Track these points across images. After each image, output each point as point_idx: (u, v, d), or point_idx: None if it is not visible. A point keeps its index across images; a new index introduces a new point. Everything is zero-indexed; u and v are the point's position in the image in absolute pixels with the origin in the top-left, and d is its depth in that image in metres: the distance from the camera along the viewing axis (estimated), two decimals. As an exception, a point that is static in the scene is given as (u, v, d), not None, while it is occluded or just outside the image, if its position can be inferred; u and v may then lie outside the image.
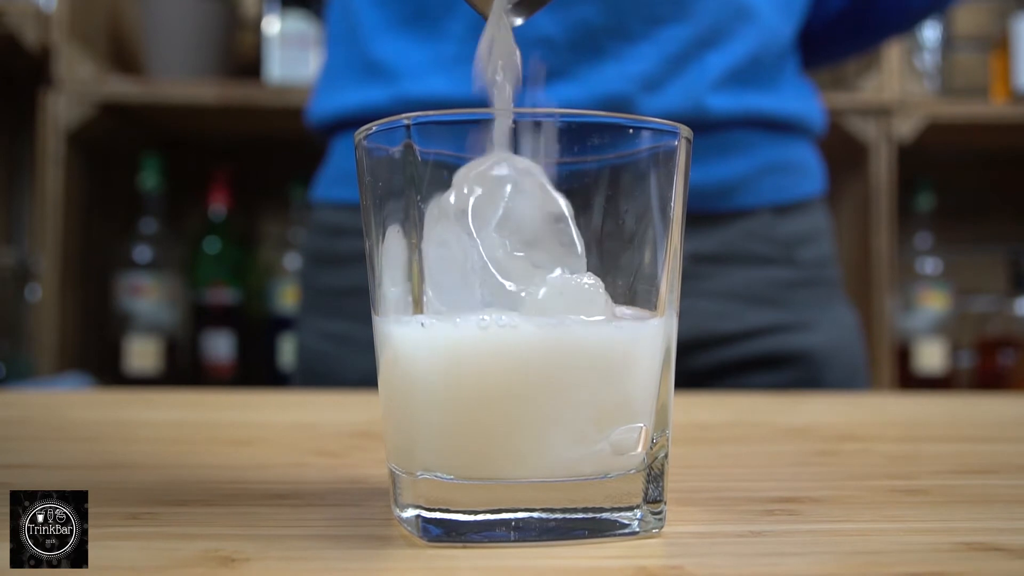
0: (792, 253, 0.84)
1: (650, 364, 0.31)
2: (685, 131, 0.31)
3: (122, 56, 1.63)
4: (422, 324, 0.30)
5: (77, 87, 1.44)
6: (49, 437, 0.54)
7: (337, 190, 0.85)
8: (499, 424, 0.29)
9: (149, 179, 1.54)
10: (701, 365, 0.81)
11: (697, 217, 0.80)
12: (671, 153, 0.31)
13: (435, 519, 0.29)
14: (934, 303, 1.65)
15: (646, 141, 0.30)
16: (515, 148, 0.30)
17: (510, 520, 0.29)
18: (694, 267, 0.80)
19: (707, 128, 0.79)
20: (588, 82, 0.76)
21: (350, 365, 0.81)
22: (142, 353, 1.50)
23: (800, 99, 0.86)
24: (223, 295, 1.57)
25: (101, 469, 0.44)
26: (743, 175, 0.82)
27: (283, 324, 1.58)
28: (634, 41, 0.77)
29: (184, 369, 1.57)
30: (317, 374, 0.84)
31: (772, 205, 0.83)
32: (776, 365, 0.82)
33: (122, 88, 1.48)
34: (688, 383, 0.80)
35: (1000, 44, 1.66)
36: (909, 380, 1.62)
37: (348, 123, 0.83)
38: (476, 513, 0.29)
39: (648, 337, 0.31)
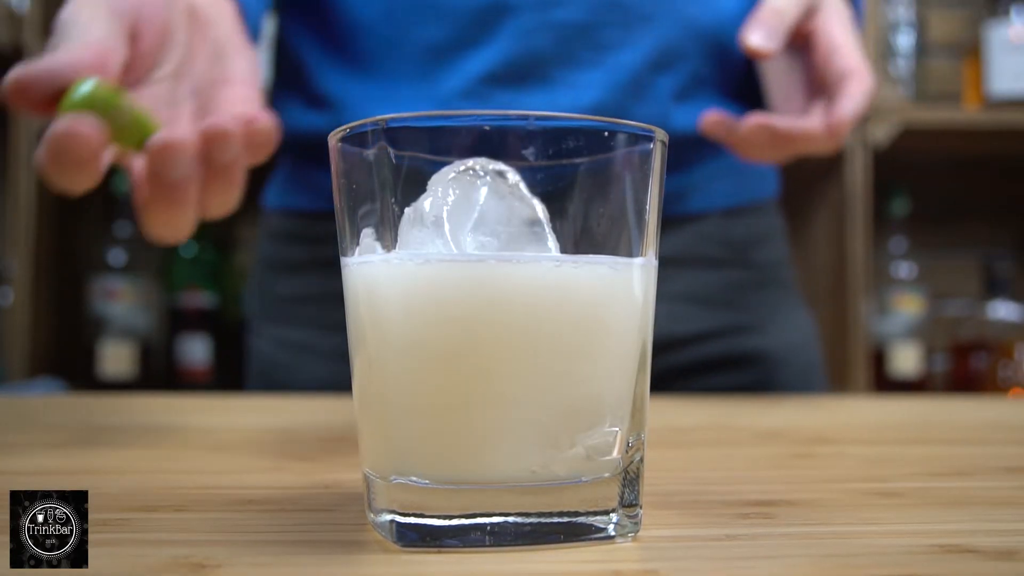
0: (745, 255, 0.84)
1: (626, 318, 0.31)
2: (660, 134, 0.31)
3: (96, 58, 1.61)
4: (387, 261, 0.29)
5: (50, 89, 1.42)
6: (19, 443, 0.54)
7: (286, 198, 0.86)
8: (471, 387, 0.29)
9: (124, 182, 1.52)
10: (656, 369, 0.81)
11: None
12: (646, 156, 0.31)
13: (410, 524, 0.29)
14: (909, 307, 1.66)
15: (621, 144, 0.30)
16: (491, 152, 0.30)
17: (485, 525, 0.29)
18: None
19: (671, 144, 0.79)
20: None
21: (307, 373, 0.81)
22: (116, 357, 1.49)
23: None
24: (198, 299, 1.56)
25: (71, 475, 0.43)
26: (696, 180, 0.82)
27: (259, 328, 1.57)
28: (583, 68, 0.77)
29: (159, 374, 1.55)
30: (273, 381, 0.84)
31: (724, 208, 0.84)
32: (731, 367, 0.82)
33: (96, 90, 1.46)
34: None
35: (973, 51, 1.67)
36: (884, 383, 1.63)
37: (292, 144, 0.82)
38: (451, 518, 0.29)
39: (625, 313, 0.31)
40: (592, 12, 0.76)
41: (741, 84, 0.85)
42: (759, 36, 0.70)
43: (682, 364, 0.81)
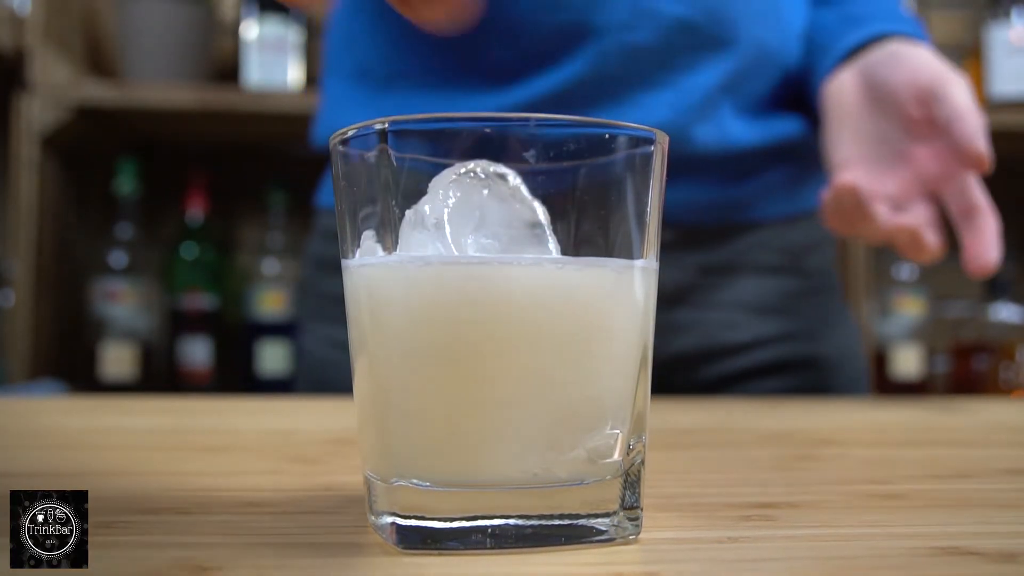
0: (800, 262, 0.84)
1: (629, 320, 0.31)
2: (661, 137, 0.31)
3: (98, 59, 1.62)
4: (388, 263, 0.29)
5: (52, 90, 1.42)
6: (20, 445, 0.54)
7: None
8: (474, 386, 0.29)
9: (125, 184, 1.53)
10: (711, 375, 0.81)
11: (709, 230, 0.80)
12: (647, 159, 0.31)
13: (410, 526, 0.29)
14: (910, 309, 1.66)
15: (622, 147, 0.30)
16: (492, 154, 0.30)
17: (486, 527, 0.29)
18: (704, 279, 0.80)
19: (731, 157, 0.78)
20: None
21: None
22: (117, 359, 1.49)
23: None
24: (200, 301, 1.56)
25: (72, 477, 0.43)
26: (757, 191, 0.82)
27: (261, 330, 1.57)
28: (654, 89, 0.76)
29: (160, 375, 1.55)
30: (325, 380, 0.83)
31: (781, 216, 0.84)
32: (785, 371, 0.82)
33: (98, 92, 1.47)
34: (698, 393, 0.80)
35: (973, 52, 1.67)
36: (886, 385, 1.63)
37: None
38: (452, 520, 0.29)
39: (627, 314, 0.31)
40: (668, 36, 0.75)
41: (793, 97, 0.85)
42: (984, 145, 0.69)
43: (737, 370, 0.82)
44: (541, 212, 0.31)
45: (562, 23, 0.74)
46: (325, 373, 0.84)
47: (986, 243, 0.71)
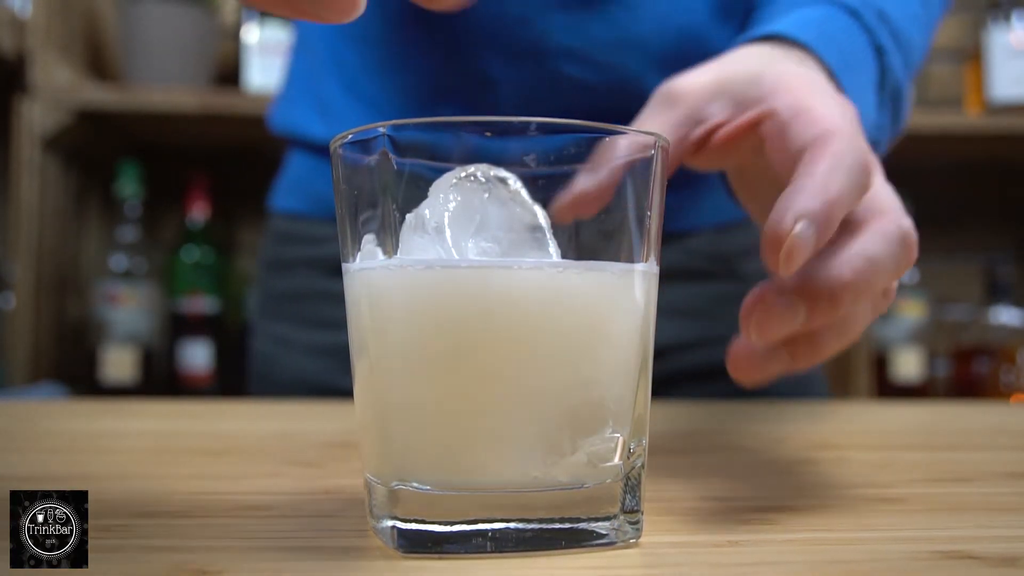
0: (733, 267, 0.83)
1: (628, 324, 0.31)
2: (661, 140, 0.31)
3: (99, 62, 1.62)
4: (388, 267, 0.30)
5: (53, 94, 1.43)
6: (21, 448, 0.54)
7: (287, 200, 0.87)
8: (475, 387, 0.29)
9: (126, 187, 1.53)
10: None
11: None
12: (648, 161, 0.31)
13: (411, 530, 0.29)
14: (911, 312, 1.66)
15: (623, 150, 0.30)
16: (492, 158, 0.30)
17: (487, 531, 0.29)
18: None
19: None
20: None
21: (282, 367, 0.82)
22: (118, 363, 1.49)
23: None
24: (201, 304, 1.56)
25: (72, 480, 0.43)
26: (685, 197, 0.80)
27: (261, 333, 1.57)
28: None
29: (160, 379, 1.55)
30: (261, 377, 0.85)
31: (714, 225, 0.82)
32: (712, 378, 0.80)
33: (99, 95, 1.47)
34: None
35: (973, 56, 1.67)
36: (886, 388, 1.63)
37: (296, 143, 0.86)
38: (452, 524, 0.29)
39: (628, 314, 0.31)
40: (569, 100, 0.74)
41: None
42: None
43: (662, 375, 0.80)
44: (541, 216, 0.31)
45: (469, 70, 0.74)
46: (263, 369, 0.85)
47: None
